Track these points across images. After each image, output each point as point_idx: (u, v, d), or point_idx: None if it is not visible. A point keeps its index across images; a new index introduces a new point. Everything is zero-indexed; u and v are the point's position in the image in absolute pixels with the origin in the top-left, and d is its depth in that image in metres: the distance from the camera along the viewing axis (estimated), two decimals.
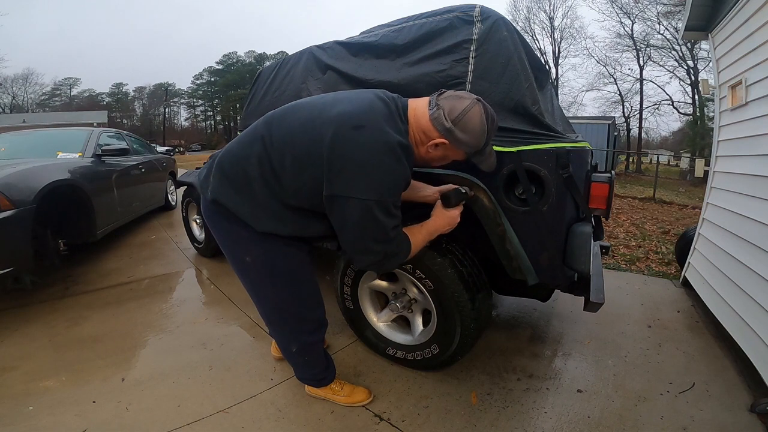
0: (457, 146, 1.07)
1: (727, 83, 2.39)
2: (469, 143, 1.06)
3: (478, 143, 1.07)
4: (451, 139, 1.05)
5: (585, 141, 1.57)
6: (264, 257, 1.21)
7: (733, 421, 1.46)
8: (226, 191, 1.14)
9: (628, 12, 22.27)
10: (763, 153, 1.92)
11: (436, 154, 1.11)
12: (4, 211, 2.00)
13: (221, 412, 1.46)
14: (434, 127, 1.05)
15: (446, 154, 1.12)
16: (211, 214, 1.23)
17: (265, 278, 1.26)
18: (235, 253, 1.25)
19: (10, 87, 38.33)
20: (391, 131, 1.01)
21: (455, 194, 1.28)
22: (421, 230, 1.22)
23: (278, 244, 1.19)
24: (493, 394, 1.59)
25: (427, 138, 1.08)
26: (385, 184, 1.00)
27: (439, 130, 1.05)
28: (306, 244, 1.28)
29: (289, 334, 1.39)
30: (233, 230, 1.19)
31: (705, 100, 18.55)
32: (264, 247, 1.19)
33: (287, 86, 2.17)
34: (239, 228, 1.16)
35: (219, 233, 1.25)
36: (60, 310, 2.29)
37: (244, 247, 1.21)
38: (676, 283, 2.92)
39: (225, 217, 1.18)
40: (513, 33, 1.48)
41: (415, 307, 1.69)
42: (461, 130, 1.03)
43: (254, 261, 1.22)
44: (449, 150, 1.09)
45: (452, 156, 1.13)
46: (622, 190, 10.61)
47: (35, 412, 1.44)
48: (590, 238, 1.40)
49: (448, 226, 1.29)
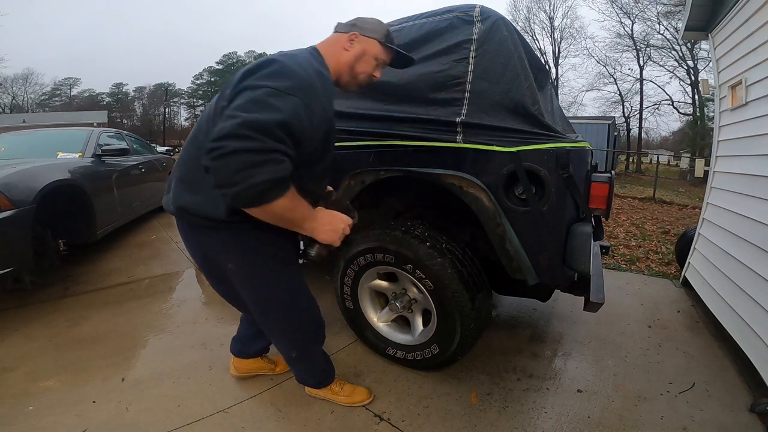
0: (367, 34, 1.16)
1: (727, 83, 2.39)
2: (375, 29, 1.17)
3: (382, 29, 1.19)
4: (358, 29, 1.16)
5: (585, 141, 1.57)
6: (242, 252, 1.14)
7: (733, 421, 1.46)
8: (183, 193, 1.11)
9: (628, 12, 22.29)
10: (763, 153, 1.92)
11: (354, 51, 1.15)
12: (4, 211, 2.00)
13: (221, 412, 1.46)
14: (341, 31, 1.18)
15: (364, 48, 1.16)
16: (183, 232, 1.19)
17: (255, 277, 1.19)
18: (221, 264, 1.17)
19: (10, 87, 38.33)
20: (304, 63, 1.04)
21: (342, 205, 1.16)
22: (302, 205, 0.99)
23: (252, 234, 1.10)
24: (493, 394, 1.59)
25: (341, 44, 1.15)
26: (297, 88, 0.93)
27: (345, 30, 1.18)
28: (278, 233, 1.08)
29: (290, 337, 1.35)
30: (207, 240, 1.14)
31: (705, 100, 18.55)
32: (240, 244, 1.12)
33: None
34: (210, 233, 1.11)
35: (197, 251, 1.21)
36: (60, 310, 2.29)
37: (223, 254, 1.15)
38: (676, 283, 2.92)
39: (193, 227, 1.14)
40: (513, 33, 1.48)
41: (415, 307, 1.69)
42: (362, 23, 1.18)
43: (237, 265, 1.16)
44: (363, 42, 1.16)
45: (369, 50, 1.16)
46: (622, 190, 10.61)
47: (35, 412, 1.44)
48: (590, 238, 1.40)
49: (328, 231, 1.05)
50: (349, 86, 1.20)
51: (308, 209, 1.01)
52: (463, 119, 1.44)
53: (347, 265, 1.72)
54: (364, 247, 1.63)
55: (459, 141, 1.45)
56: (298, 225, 0.99)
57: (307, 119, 0.92)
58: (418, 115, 1.57)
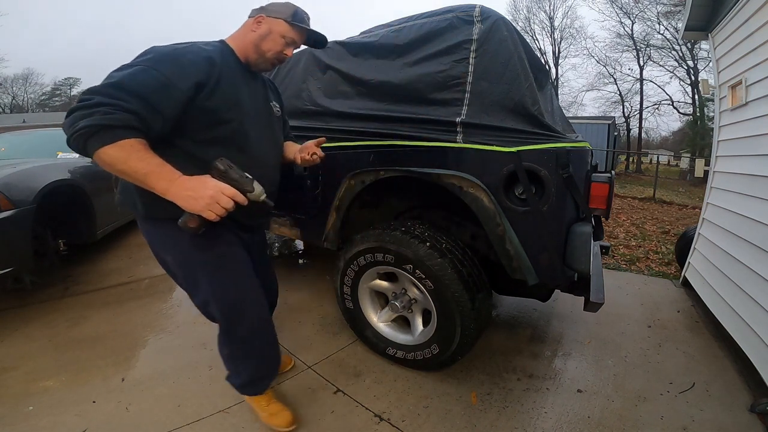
0: (272, 15, 1.19)
1: (727, 83, 2.39)
2: (280, 10, 1.20)
3: (289, 9, 1.21)
4: (265, 11, 1.19)
5: (585, 141, 1.57)
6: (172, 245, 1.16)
7: (733, 421, 1.46)
8: (118, 191, 1.18)
9: (628, 12, 22.26)
10: (763, 153, 1.92)
11: (260, 31, 1.18)
12: (4, 211, 2.00)
13: (221, 412, 1.46)
14: (249, 16, 1.22)
15: (270, 28, 1.19)
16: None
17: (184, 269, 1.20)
18: (160, 258, 1.24)
19: (10, 87, 38.26)
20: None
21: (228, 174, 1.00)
22: (142, 159, 0.92)
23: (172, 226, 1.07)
24: (493, 394, 1.59)
25: (249, 27, 1.19)
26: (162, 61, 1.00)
27: (254, 14, 1.21)
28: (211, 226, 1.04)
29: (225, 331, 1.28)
30: (144, 234, 1.20)
31: (705, 100, 18.53)
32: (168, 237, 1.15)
33: (287, 86, 2.17)
34: (143, 226, 1.18)
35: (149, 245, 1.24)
36: (60, 310, 2.29)
37: (159, 247, 1.21)
38: (676, 283, 2.92)
39: (141, 229, 1.20)
40: (513, 33, 1.48)
41: (415, 307, 1.69)
42: (269, 5, 1.22)
43: (174, 256, 1.18)
44: (269, 22, 1.19)
45: (275, 29, 1.18)
46: (622, 190, 10.61)
47: (35, 412, 1.44)
48: (590, 238, 1.40)
49: (187, 198, 0.94)
50: (259, 64, 1.22)
51: (156, 167, 0.93)
52: (463, 119, 1.45)
53: (347, 265, 1.72)
54: (364, 247, 1.63)
55: (459, 141, 1.45)
56: (142, 181, 0.94)
57: (157, 83, 0.96)
58: (418, 115, 1.57)
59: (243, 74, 1.19)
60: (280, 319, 2.20)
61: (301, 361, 1.80)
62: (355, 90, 1.82)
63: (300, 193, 1.99)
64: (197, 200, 0.94)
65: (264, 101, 1.30)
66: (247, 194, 1.02)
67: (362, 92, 1.79)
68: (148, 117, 0.94)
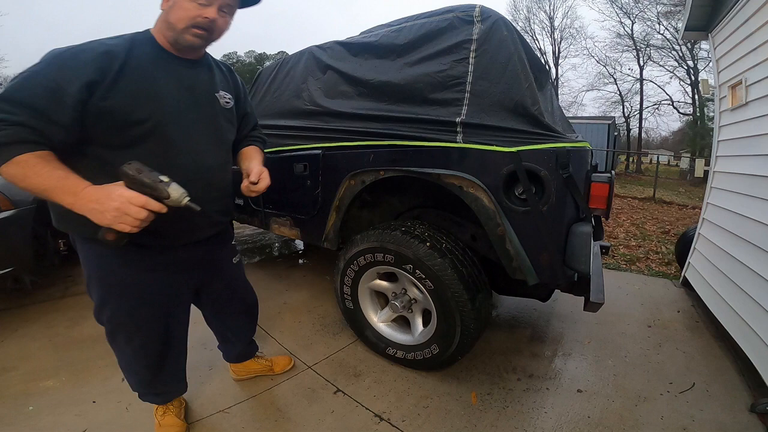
0: None
1: (727, 83, 2.39)
2: None
3: None
4: None
5: (585, 141, 1.57)
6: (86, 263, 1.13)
7: (733, 421, 1.46)
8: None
9: (628, 12, 22.25)
10: (763, 153, 1.92)
11: (167, 5, 1.02)
12: (4, 211, 2.00)
13: (221, 412, 1.46)
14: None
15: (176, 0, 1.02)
16: None
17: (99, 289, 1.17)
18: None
19: None
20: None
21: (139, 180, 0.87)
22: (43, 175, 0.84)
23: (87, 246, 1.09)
24: (493, 394, 1.59)
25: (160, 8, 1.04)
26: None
27: None
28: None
29: (108, 340, 1.30)
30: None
31: (705, 100, 18.53)
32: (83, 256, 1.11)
33: (287, 86, 2.17)
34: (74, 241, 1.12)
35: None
36: (60, 310, 2.29)
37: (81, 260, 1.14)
38: (676, 283, 2.92)
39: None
40: (513, 33, 1.48)
41: (415, 307, 1.69)
42: None
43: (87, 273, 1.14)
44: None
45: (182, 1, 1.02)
46: (622, 190, 10.61)
47: (35, 412, 1.44)
48: (590, 238, 1.40)
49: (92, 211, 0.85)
50: (181, 42, 1.03)
51: (58, 180, 0.85)
52: (463, 119, 1.44)
53: (347, 265, 1.72)
54: (364, 247, 1.63)
55: (459, 141, 1.45)
56: (48, 197, 0.87)
57: (44, 89, 0.87)
58: (418, 115, 1.57)
59: (167, 63, 1.04)
60: (280, 319, 2.21)
61: (301, 361, 1.80)
62: (355, 90, 1.82)
63: (300, 193, 1.99)
64: (103, 213, 0.84)
65: (205, 92, 1.13)
66: (164, 201, 0.89)
67: (362, 92, 1.79)
68: (43, 128, 0.85)
